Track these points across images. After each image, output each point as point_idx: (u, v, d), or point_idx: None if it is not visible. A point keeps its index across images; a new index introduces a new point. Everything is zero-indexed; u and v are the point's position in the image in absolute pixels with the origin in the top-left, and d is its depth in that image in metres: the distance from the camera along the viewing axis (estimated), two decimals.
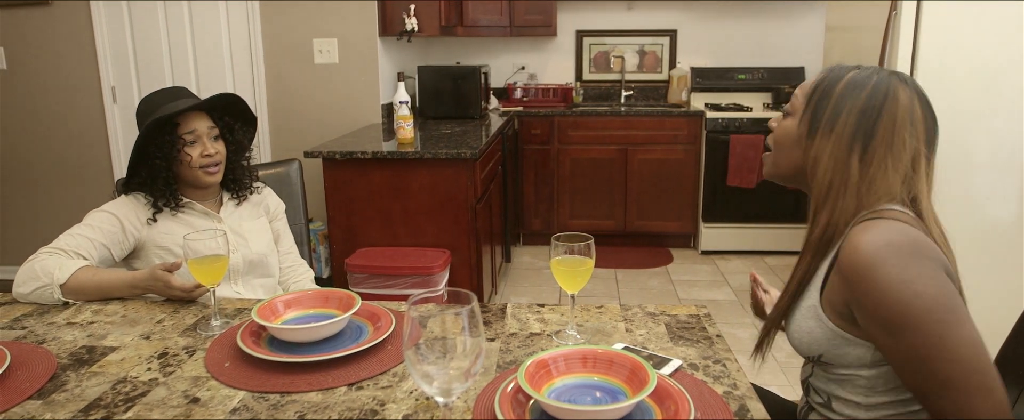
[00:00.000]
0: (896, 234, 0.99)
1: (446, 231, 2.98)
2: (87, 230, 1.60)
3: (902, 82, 1.10)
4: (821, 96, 1.13)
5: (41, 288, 1.47)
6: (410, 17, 3.78)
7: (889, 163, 1.07)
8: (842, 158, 1.09)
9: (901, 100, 1.08)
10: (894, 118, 1.07)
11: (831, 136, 1.10)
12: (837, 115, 1.10)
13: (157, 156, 1.64)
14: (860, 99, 1.09)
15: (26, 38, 3.84)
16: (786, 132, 1.18)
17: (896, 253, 0.97)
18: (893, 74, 1.12)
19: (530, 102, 4.70)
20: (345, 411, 1.04)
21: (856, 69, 1.14)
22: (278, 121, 3.86)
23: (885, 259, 0.97)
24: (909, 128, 1.08)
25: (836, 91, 1.11)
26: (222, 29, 3.80)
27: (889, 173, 1.07)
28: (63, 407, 1.06)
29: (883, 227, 1.01)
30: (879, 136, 1.07)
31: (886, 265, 0.96)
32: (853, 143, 1.08)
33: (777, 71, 4.64)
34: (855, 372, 1.10)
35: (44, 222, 4.06)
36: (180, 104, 1.67)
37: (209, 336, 1.32)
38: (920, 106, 1.09)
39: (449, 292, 0.92)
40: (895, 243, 0.98)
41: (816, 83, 1.16)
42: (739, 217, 4.31)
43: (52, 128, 3.96)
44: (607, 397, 1.02)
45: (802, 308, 1.14)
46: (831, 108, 1.11)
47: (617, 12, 4.82)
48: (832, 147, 1.10)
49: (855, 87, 1.10)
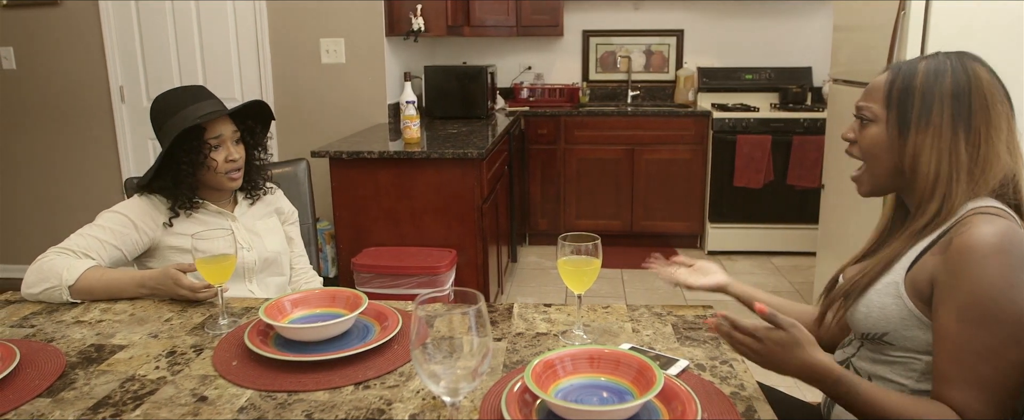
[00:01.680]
0: (1016, 238, 1.00)
1: (453, 231, 2.98)
2: (98, 231, 1.60)
3: (974, 60, 1.11)
4: (902, 94, 1.12)
5: (50, 289, 1.47)
6: (417, 17, 3.79)
7: (995, 137, 1.08)
8: (947, 147, 1.09)
9: (982, 75, 1.09)
10: (983, 94, 1.08)
11: (929, 129, 1.09)
12: (928, 107, 1.09)
13: (183, 161, 1.63)
14: (946, 85, 1.09)
15: (35, 38, 3.86)
16: (875, 141, 1.15)
17: (1011, 255, 0.99)
18: (962, 54, 1.12)
19: (537, 102, 4.70)
20: (352, 410, 1.04)
21: (921, 60, 1.13)
22: (285, 121, 3.87)
23: (1001, 254, 0.99)
24: (1000, 98, 1.09)
25: (917, 85, 1.11)
26: (229, 29, 3.81)
27: (997, 147, 1.08)
28: (72, 405, 1.06)
29: (1005, 226, 1.02)
30: (978, 115, 1.08)
31: (998, 259, 0.99)
32: (956, 128, 1.08)
33: (784, 71, 4.63)
34: (915, 356, 1.10)
35: (52, 221, 4.08)
36: (204, 107, 1.65)
37: (217, 335, 1.32)
38: (996, 79, 1.11)
39: (457, 292, 0.92)
40: (1014, 246, 0.99)
41: (890, 84, 1.14)
42: (746, 217, 4.30)
43: (60, 127, 3.98)
44: (614, 397, 1.02)
45: (880, 284, 1.13)
46: (919, 102, 1.10)
47: (624, 12, 4.81)
48: (932, 139, 1.09)
49: (935, 76, 1.10)
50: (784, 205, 4.24)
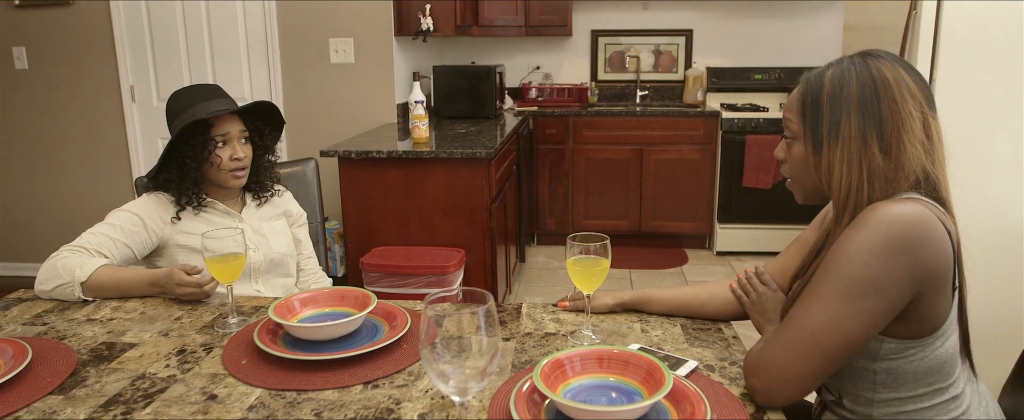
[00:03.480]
0: (900, 217, 1.00)
1: (461, 231, 2.99)
2: (109, 229, 1.61)
3: (877, 58, 1.09)
4: (812, 109, 1.10)
5: (62, 285, 1.48)
6: (426, 17, 3.79)
7: (906, 140, 1.06)
8: (858, 159, 1.07)
9: (888, 76, 1.07)
10: (892, 96, 1.06)
11: (838, 143, 1.08)
12: (837, 121, 1.08)
13: (188, 155, 1.65)
14: (852, 95, 1.07)
15: (47, 38, 3.89)
16: (798, 159, 1.15)
17: (885, 234, 0.99)
18: (865, 55, 1.10)
19: (545, 102, 4.70)
20: (361, 409, 1.04)
21: (827, 68, 1.11)
22: (294, 120, 3.88)
23: (875, 229, 1.00)
24: (909, 99, 1.06)
25: (823, 98, 1.09)
26: (239, 29, 3.82)
27: (909, 149, 1.06)
28: (83, 402, 1.07)
29: (909, 207, 1.01)
30: (887, 121, 1.06)
31: (868, 233, 1.00)
32: (866, 139, 1.06)
33: (794, 71, 4.61)
34: (863, 365, 1.11)
35: (63, 220, 4.11)
36: (214, 104, 1.67)
37: (226, 334, 1.33)
38: (906, 72, 1.08)
39: (466, 291, 0.92)
40: (892, 225, 0.99)
41: (800, 99, 1.13)
42: (755, 218, 4.28)
43: (72, 127, 4.01)
44: (623, 398, 1.02)
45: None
46: (828, 116, 1.08)
47: (633, 12, 4.80)
48: (842, 152, 1.08)
49: (840, 86, 1.08)
50: (793, 206, 4.16)
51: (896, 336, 1.07)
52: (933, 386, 1.10)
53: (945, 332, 1.08)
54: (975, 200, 2.41)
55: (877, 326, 1.03)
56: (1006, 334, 2.26)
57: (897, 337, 1.07)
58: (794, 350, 1.03)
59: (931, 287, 1.02)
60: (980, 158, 2.42)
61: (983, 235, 2.39)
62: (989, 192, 2.44)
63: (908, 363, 1.08)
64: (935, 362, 1.08)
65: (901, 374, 1.09)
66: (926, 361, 1.08)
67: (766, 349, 1.07)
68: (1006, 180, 2.43)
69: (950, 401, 1.11)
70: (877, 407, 1.12)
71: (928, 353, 1.08)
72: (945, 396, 1.11)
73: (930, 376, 1.09)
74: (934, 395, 1.10)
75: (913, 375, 1.09)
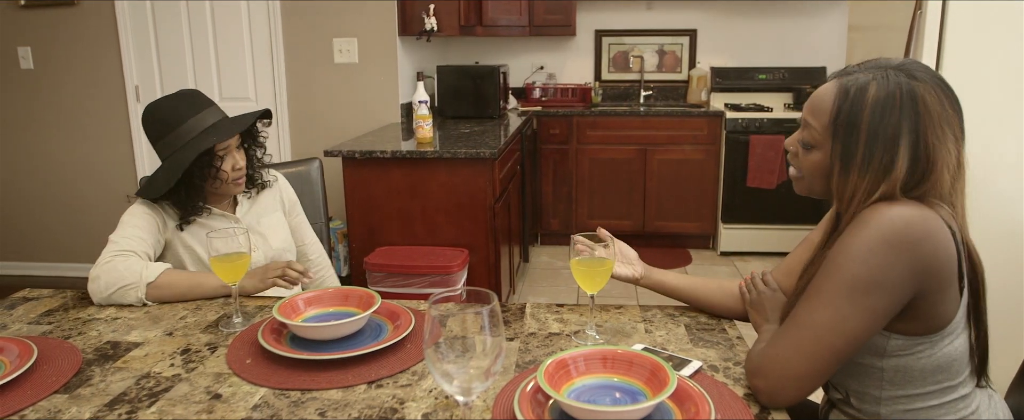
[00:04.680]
0: (900, 216, 1.00)
1: (465, 230, 2.99)
2: (136, 230, 1.59)
3: (923, 83, 1.04)
4: (845, 130, 1.06)
5: (125, 287, 1.46)
6: (429, 17, 3.79)
7: (935, 173, 1.04)
8: (880, 182, 1.05)
9: (933, 109, 1.03)
10: (936, 132, 1.03)
11: (868, 172, 1.05)
12: (872, 150, 1.04)
13: (196, 175, 1.62)
14: (893, 128, 1.03)
15: (52, 38, 3.90)
16: (815, 167, 1.12)
17: (884, 232, 1.00)
18: (911, 77, 1.05)
19: (549, 102, 4.70)
20: (365, 409, 1.04)
21: (871, 82, 1.05)
22: (298, 120, 3.89)
23: (876, 228, 1.00)
24: (949, 135, 1.04)
25: (862, 124, 1.04)
26: (243, 29, 3.83)
27: (936, 181, 1.05)
28: (88, 401, 1.07)
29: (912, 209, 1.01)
30: (923, 158, 1.04)
31: (869, 232, 1.00)
32: (897, 170, 1.03)
33: (798, 71, 4.60)
34: (870, 362, 1.11)
35: (69, 219, 4.12)
36: (207, 118, 1.63)
37: (231, 333, 1.33)
38: (946, 100, 1.05)
39: (470, 291, 0.92)
40: (892, 224, 1.00)
41: (834, 113, 1.07)
42: (759, 218, 4.28)
43: (77, 127, 4.02)
44: (627, 398, 1.02)
45: None
46: (865, 143, 1.04)
47: (636, 12, 4.80)
48: (869, 180, 1.05)
49: (881, 114, 1.03)
50: (797, 206, 4.21)
51: (902, 333, 1.07)
52: (941, 384, 1.10)
53: (954, 331, 1.08)
54: (979, 200, 2.39)
55: (879, 323, 1.03)
56: (1012, 334, 2.25)
57: (903, 334, 1.07)
58: (797, 349, 1.03)
59: (933, 284, 1.02)
60: (986, 159, 2.41)
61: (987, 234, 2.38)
62: (994, 192, 2.43)
63: (916, 360, 1.08)
64: (943, 360, 1.08)
65: (909, 371, 1.09)
66: (934, 359, 1.08)
67: (769, 349, 1.07)
68: (1011, 180, 2.43)
69: (959, 400, 1.11)
70: (885, 405, 1.12)
71: (936, 351, 1.07)
72: (954, 395, 1.11)
73: (938, 374, 1.09)
74: (942, 393, 1.10)
75: (921, 373, 1.09)
